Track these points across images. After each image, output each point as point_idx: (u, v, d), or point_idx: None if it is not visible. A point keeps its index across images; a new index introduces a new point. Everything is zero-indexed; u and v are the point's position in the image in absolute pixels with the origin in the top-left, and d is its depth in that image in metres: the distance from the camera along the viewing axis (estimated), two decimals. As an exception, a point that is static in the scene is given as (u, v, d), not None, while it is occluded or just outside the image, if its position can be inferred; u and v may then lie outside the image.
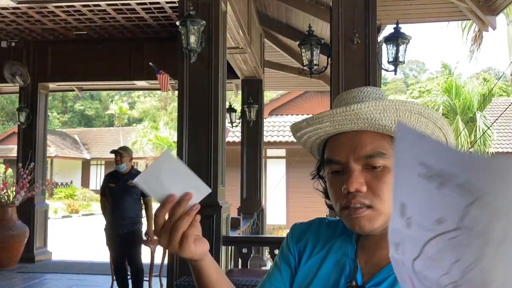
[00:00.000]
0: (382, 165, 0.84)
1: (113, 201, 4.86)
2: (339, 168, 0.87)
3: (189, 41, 4.06)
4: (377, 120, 0.83)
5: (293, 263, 0.98)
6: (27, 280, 6.11)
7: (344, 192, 0.84)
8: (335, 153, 0.88)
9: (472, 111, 12.70)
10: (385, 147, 0.85)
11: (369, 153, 0.84)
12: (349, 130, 0.87)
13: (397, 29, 4.42)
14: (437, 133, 0.88)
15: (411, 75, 52.77)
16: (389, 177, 0.83)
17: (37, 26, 6.61)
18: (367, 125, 0.85)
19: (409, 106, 0.84)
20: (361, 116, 0.83)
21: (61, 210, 20.24)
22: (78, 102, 39.44)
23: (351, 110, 0.83)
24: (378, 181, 0.83)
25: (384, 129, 0.85)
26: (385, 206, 0.82)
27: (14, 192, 6.81)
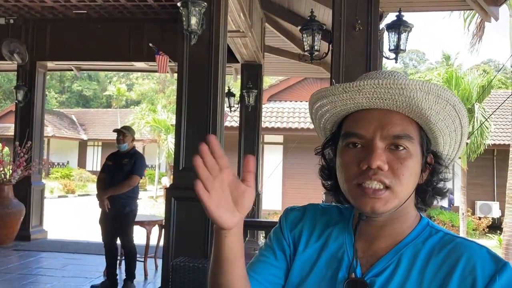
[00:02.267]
0: (406, 147, 0.82)
1: (107, 179, 4.87)
2: (361, 143, 0.84)
3: (190, 23, 4.03)
4: (418, 101, 0.81)
5: (288, 251, 0.95)
6: (23, 257, 6.15)
7: (362, 167, 0.81)
8: (360, 127, 0.84)
9: (471, 102, 12.69)
10: (412, 132, 0.84)
11: (398, 133, 0.82)
12: (380, 108, 0.84)
13: (399, 17, 4.39)
14: (457, 131, 0.88)
15: (411, 64, 52.61)
16: (410, 162, 0.82)
17: (36, 4, 6.54)
18: (405, 104, 0.82)
19: (448, 95, 0.82)
20: (406, 93, 0.80)
21: (57, 190, 20.28)
22: (76, 83, 39.21)
23: (397, 84, 0.80)
24: (400, 163, 0.81)
25: (420, 112, 0.83)
26: (403, 189, 0.82)
27: (11, 170, 6.81)
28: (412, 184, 0.84)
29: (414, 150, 0.83)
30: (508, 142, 12.04)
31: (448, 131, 0.87)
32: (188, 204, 4.18)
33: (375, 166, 0.79)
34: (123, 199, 4.78)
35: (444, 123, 0.85)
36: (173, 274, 3.72)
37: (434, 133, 0.86)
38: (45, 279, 5.25)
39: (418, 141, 0.85)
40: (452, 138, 0.89)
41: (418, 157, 0.84)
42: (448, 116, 0.84)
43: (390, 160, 0.81)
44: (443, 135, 0.87)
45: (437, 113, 0.83)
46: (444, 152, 0.90)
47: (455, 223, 13.73)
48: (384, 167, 0.80)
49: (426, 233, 0.86)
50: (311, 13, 4.68)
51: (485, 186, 15.31)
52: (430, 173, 0.88)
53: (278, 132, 15.08)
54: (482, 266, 0.76)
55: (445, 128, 0.86)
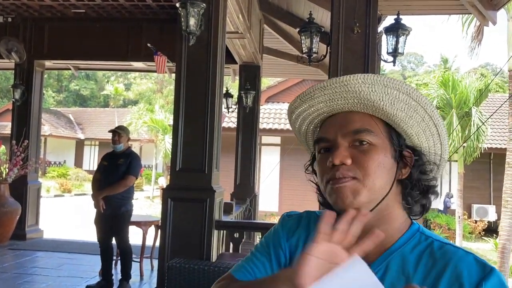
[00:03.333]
0: (368, 142, 0.84)
1: (103, 179, 4.86)
2: (328, 146, 0.87)
3: (188, 24, 4.03)
4: (365, 94, 0.83)
5: (283, 261, 0.94)
6: (19, 257, 6.12)
7: (329, 165, 0.83)
8: (325, 131, 0.89)
9: (468, 106, 12.73)
10: (373, 126, 0.85)
11: (356, 128, 0.84)
12: (341, 111, 0.87)
13: (397, 20, 4.40)
14: (427, 121, 0.86)
15: (409, 67, 52.75)
16: (375, 154, 0.83)
17: (35, 2, 6.52)
18: (357, 100, 0.84)
19: (397, 84, 0.83)
20: (350, 88, 0.83)
21: (53, 189, 20.23)
22: (74, 82, 39.14)
23: (340, 82, 0.84)
24: (364, 155, 0.83)
25: (373, 105, 0.84)
26: (370, 179, 0.82)
27: (7, 169, 6.78)
28: (384, 176, 0.83)
29: (379, 143, 0.84)
30: (504, 146, 12.07)
31: (413, 121, 0.86)
32: (185, 205, 4.18)
33: (338, 162, 0.82)
34: (119, 199, 4.77)
35: (405, 114, 0.85)
36: (168, 275, 3.71)
37: (399, 125, 0.86)
38: (41, 278, 5.23)
39: (385, 135, 0.85)
40: (425, 130, 0.87)
41: (387, 150, 0.85)
42: (406, 105, 0.84)
43: (354, 154, 0.83)
44: (411, 126, 0.86)
45: (392, 104, 0.84)
46: (424, 145, 0.89)
47: (451, 226, 13.75)
48: (347, 161, 0.82)
49: (416, 239, 0.85)
50: (310, 15, 4.69)
51: (482, 190, 15.35)
52: (413, 168, 0.87)
53: (276, 134, 15.09)
54: (468, 273, 0.76)
55: (408, 118, 0.85)
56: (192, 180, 4.19)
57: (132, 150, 5.06)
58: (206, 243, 4.08)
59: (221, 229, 4.50)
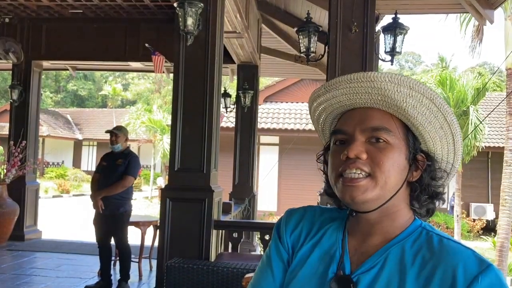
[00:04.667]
0: (385, 140, 0.84)
1: (101, 179, 4.86)
2: (344, 138, 0.87)
3: (186, 23, 4.03)
4: (390, 93, 0.83)
5: (286, 256, 0.96)
6: (17, 258, 6.11)
7: (343, 158, 0.84)
8: (343, 124, 0.89)
9: (466, 104, 12.75)
10: (392, 126, 0.85)
11: (375, 125, 0.85)
12: (362, 106, 0.88)
13: (395, 20, 4.40)
14: (445, 129, 0.87)
15: (406, 67, 52.78)
16: (390, 152, 0.84)
17: (32, 3, 6.51)
18: (380, 98, 0.85)
19: (422, 88, 0.84)
20: (376, 85, 0.83)
21: (52, 190, 20.21)
22: (71, 82, 39.09)
23: (367, 77, 0.84)
24: (380, 152, 0.84)
25: (395, 105, 0.85)
26: (384, 177, 0.83)
27: (5, 170, 6.77)
28: (396, 175, 0.84)
29: (396, 143, 0.85)
30: (502, 145, 12.09)
31: (432, 127, 0.86)
32: (183, 205, 4.18)
33: (353, 155, 0.83)
34: (117, 200, 4.76)
35: (425, 118, 0.85)
36: (167, 275, 3.71)
37: (418, 128, 0.87)
38: (39, 279, 5.22)
39: (402, 136, 0.86)
40: (441, 137, 0.88)
41: (402, 151, 0.85)
42: (428, 110, 0.85)
43: (370, 150, 0.84)
44: (428, 132, 0.87)
45: (414, 107, 0.84)
46: (437, 152, 0.89)
47: (449, 225, 13.78)
48: (363, 156, 0.83)
49: (417, 233, 0.86)
50: (308, 15, 4.69)
51: (480, 188, 15.37)
52: (423, 172, 0.88)
53: (274, 133, 15.10)
54: (464, 267, 0.77)
55: (427, 123, 0.86)
56: (190, 180, 4.19)
57: (131, 151, 5.05)
58: (204, 243, 4.08)
59: (220, 229, 4.50)
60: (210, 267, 3.67)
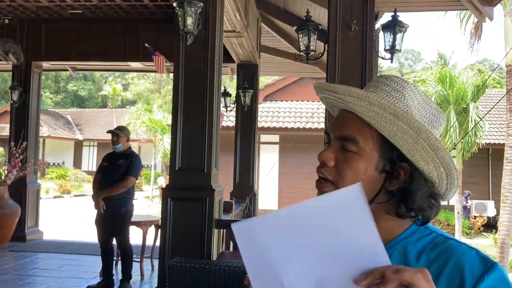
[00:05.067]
0: (353, 150, 0.84)
1: (103, 179, 4.87)
2: (328, 140, 0.90)
3: (186, 23, 4.03)
4: (352, 105, 0.85)
5: None
6: (19, 258, 6.13)
7: (319, 161, 0.87)
8: (330, 124, 0.91)
9: (466, 101, 12.75)
10: (364, 136, 0.83)
11: (344, 135, 0.85)
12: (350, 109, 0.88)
13: (394, 17, 4.41)
14: (423, 145, 0.81)
15: (406, 64, 52.76)
16: (356, 164, 0.83)
17: (31, 4, 6.52)
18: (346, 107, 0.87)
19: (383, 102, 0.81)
20: (339, 96, 0.86)
21: (52, 190, 20.22)
22: (71, 83, 39.09)
23: (331, 87, 0.88)
24: (345, 163, 0.84)
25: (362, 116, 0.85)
26: (343, 186, 0.81)
27: (6, 171, 6.78)
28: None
29: (365, 154, 0.83)
30: (502, 141, 12.09)
31: (403, 142, 0.82)
32: (184, 205, 4.19)
33: (320, 160, 0.85)
34: (119, 200, 4.77)
35: (390, 131, 0.82)
36: (169, 274, 3.72)
37: (390, 139, 0.83)
38: (41, 280, 5.24)
39: (374, 147, 0.83)
40: (418, 152, 0.82)
41: (371, 162, 0.83)
42: (390, 124, 0.81)
43: (338, 158, 0.85)
44: (402, 145, 0.82)
45: (376, 120, 0.82)
46: (422, 167, 0.83)
47: (450, 222, 13.78)
48: (330, 162, 0.85)
49: (420, 233, 0.85)
50: (307, 13, 4.69)
51: (480, 185, 15.37)
52: (406, 183, 0.83)
53: (274, 132, 15.09)
54: (470, 267, 0.77)
55: (399, 139, 0.82)
56: (191, 179, 4.20)
57: (133, 151, 5.05)
58: (206, 242, 4.09)
59: (221, 228, 4.50)
60: (212, 266, 3.68)
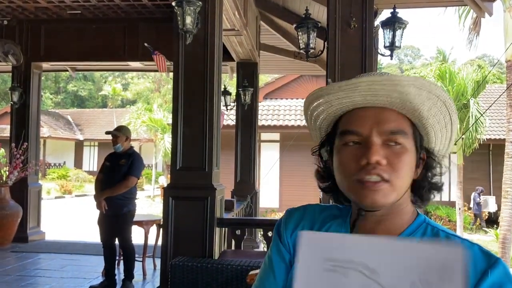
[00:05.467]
0: (402, 144, 0.85)
1: (105, 179, 4.88)
2: (358, 140, 0.86)
3: (185, 22, 4.02)
4: (411, 96, 0.83)
5: (288, 257, 0.95)
6: (21, 259, 6.14)
7: (362, 163, 0.83)
8: (357, 125, 0.87)
9: (466, 97, 12.74)
10: (406, 128, 0.87)
11: (393, 129, 0.85)
12: (374, 106, 0.87)
13: (394, 14, 4.40)
14: (448, 127, 0.90)
15: (406, 61, 52.74)
16: (406, 156, 0.85)
17: (30, 4, 6.51)
18: (399, 100, 0.85)
19: (439, 91, 0.85)
20: (399, 89, 0.83)
21: (54, 191, 20.24)
22: (71, 83, 39.09)
23: (392, 80, 0.83)
24: (397, 158, 0.84)
25: (412, 108, 0.86)
26: (401, 182, 0.84)
27: (7, 172, 6.79)
28: (408, 178, 0.87)
29: (409, 145, 0.86)
30: (503, 137, 12.08)
31: (439, 126, 0.89)
32: (186, 204, 4.19)
33: (374, 161, 0.82)
34: (121, 200, 4.78)
35: (436, 119, 0.88)
36: (171, 273, 3.73)
37: (426, 129, 0.89)
38: (44, 280, 5.24)
39: (412, 137, 0.87)
40: (443, 134, 0.91)
41: (413, 153, 0.87)
42: (439, 112, 0.87)
43: (388, 155, 0.84)
44: (435, 131, 0.90)
45: (429, 109, 0.86)
46: (436, 148, 0.92)
47: (452, 218, 13.79)
48: (383, 161, 0.83)
49: (422, 229, 0.87)
50: (306, 11, 4.68)
51: (481, 181, 15.37)
52: (425, 169, 0.90)
53: (275, 130, 15.10)
54: (474, 263, 0.77)
55: (436, 123, 0.89)
56: (192, 178, 4.20)
57: (135, 150, 5.05)
58: (208, 241, 4.09)
59: (223, 226, 4.51)
60: (214, 265, 3.68)
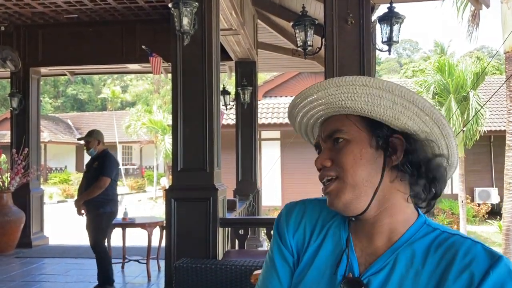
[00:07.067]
0: (341, 139, 0.87)
1: (83, 185, 4.96)
2: (319, 150, 0.92)
3: (182, 23, 4.02)
4: (330, 98, 0.87)
5: (291, 259, 0.94)
6: (25, 264, 6.14)
7: (318, 170, 0.89)
8: (317, 136, 0.95)
9: (465, 90, 12.72)
10: (345, 124, 0.87)
11: (328, 131, 0.89)
12: (327, 117, 0.92)
13: (391, 9, 4.39)
14: (400, 102, 0.83)
15: (404, 54, 52.71)
16: (348, 149, 0.85)
17: (27, 10, 6.51)
18: (325, 106, 0.90)
19: (351, 79, 0.84)
20: (321, 95, 0.89)
21: (56, 195, 20.25)
22: (70, 87, 39.09)
23: (307, 94, 0.91)
24: (339, 154, 0.86)
25: (340, 106, 0.87)
26: (348, 175, 0.84)
27: (9, 178, 6.79)
28: (364, 168, 0.83)
29: (353, 137, 0.86)
30: (504, 128, 12.07)
31: (382, 109, 0.83)
32: (188, 205, 4.19)
33: (319, 165, 0.88)
34: (95, 202, 4.77)
35: (371, 103, 0.83)
36: (176, 275, 3.73)
37: (371, 115, 0.85)
38: (49, 285, 5.25)
39: (359, 129, 0.86)
40: (401, 111, 0.83)
41: (363, 142, 0.85)
42: (368, 95, 0.83)
43: (332, 155, 0.87)
44: (383, 114, 0.84)
45: (353, 99, 0.85)
46: (410, 127, 0.84)
47: (455, 211, 13.78)
48: (326, 163, 0.87)
49: (423, 231, 0.85)
50: (303, 9, 4.68)
51: (483, 173, 15.35)
52: (405, 152, 0.84)
53: (275, 128, 15.09)
54: (477, 262, 0.77)
55: (376, 107, 0.83)
56: (194, 179, 4.21)
57: (108, 152, 4.98)
58: (211, 242, 4.09)
59: (226, 226, 4.51)
60: (218, 266, 3.68)
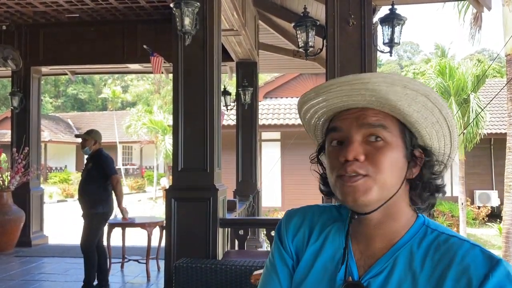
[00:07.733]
0: (383, 138, 0.83)
1: (80, 184, 5.02)
2: (340, 138, 0.86)
3: (183, 24, 4.02)
4: (383, 93, 0.81)
5: (290, 262, 0.95)
6: (25, 264, 6.14)
7: (341, 160, 0.83)
8: (339, 122, 0.87)
9: (466, 92, 12.72)
10: (388, 123, 0.84)
11: (372, 122, 0.84)
12: (355, 106, 0.86)
13: (392, 10, 4.39)
14: (441, 122, 0.85)
15: (405, 56, 52.73)
16: (388, 151, 0.82)
17: (28, 9, 6.51)
18: (374, 98, 0.83)
19: (417, 85, 0.82)
20: (370, 87, 0.81)
21: (56, 195, 20.26)
22: (71, 86, 39.12)
23: (358, 79, 0.82)
24: (377, 152, 0.82)
25: (390, 105, 0.83)
26: (382, 176, 0.81)
27: (9, 177, 6.79)
28: (395, 174, 0.83)
29: (393, 141, 0.84)
30: (504, 131, 12.07)
31: (428, 123, 0.85)
32: (188, 205, 4.19)
33: (351, 157, 0.81)
34: (87, 202, 4.80)
35: (421, 115, 0.84)
36: (176, 275, 3.73)
37: (414, 125, 0.85)
38: (48, 284, 5.25)
39: (398, 134, 0.85)
40: (438, 131, 0.86)
41: (400, 149, 0.84)
42: (423, 107, 0.83)
43: (368, 151, 0.82)
44: (425, 128, 0.86)
45: (409, 105, 0.83)
46: (434, 146, 0.88)
47: (454, 213, 13.77)
48: (360, 157, 0.82)
49: (422, 232, 0.85)
50: (304, 9, 4.68)
51: (483, 175, 15.35)
52: (422, 168, 0.87)
53: (275, 129, 15.09)
54: (475, 266, 0.76)
55: (423, 120, 0.85)
56: (194, 179, 4.20)
57: (101, 152, 5.00)
58: (211, 242, 4.09)
59: (226, 227, 4.51)
60: (218, 266, 3.68)
